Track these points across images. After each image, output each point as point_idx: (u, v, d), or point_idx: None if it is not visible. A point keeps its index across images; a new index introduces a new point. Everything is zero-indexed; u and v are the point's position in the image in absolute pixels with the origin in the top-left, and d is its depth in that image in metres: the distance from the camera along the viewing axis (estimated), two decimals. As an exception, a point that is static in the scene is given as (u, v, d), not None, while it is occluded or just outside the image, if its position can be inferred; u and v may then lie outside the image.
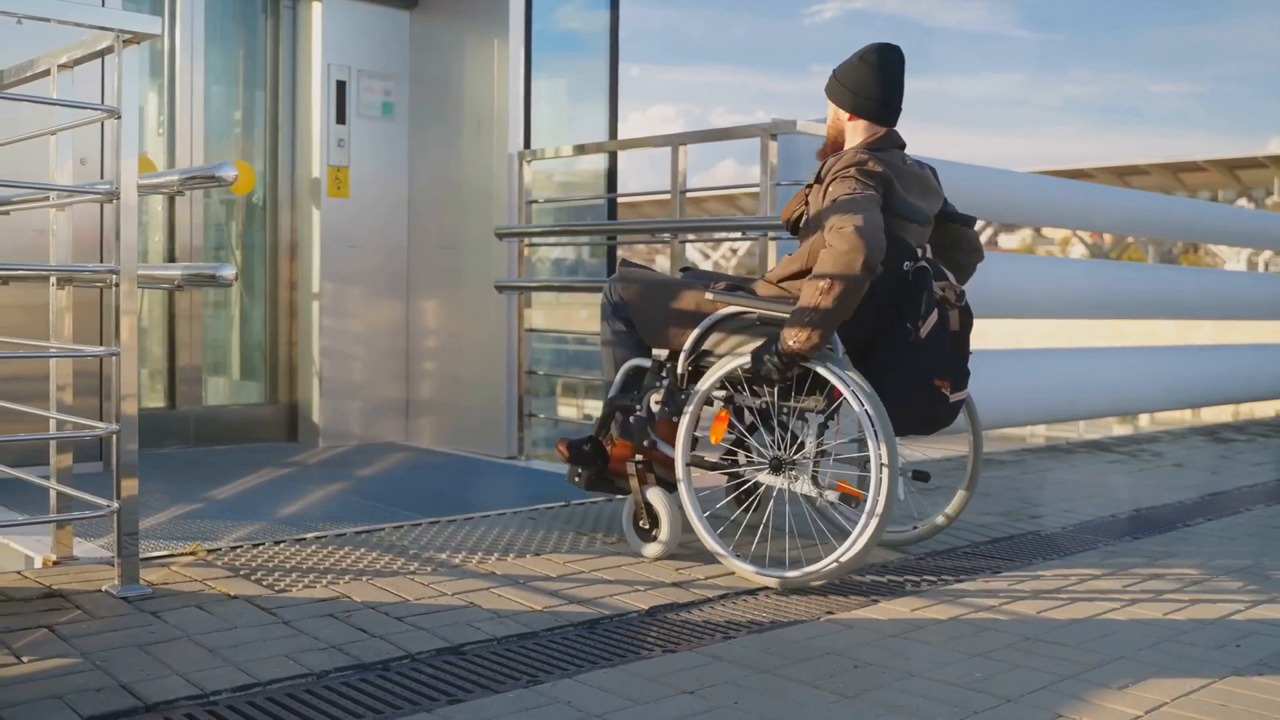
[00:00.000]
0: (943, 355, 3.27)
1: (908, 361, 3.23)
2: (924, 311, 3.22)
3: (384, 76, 5.81)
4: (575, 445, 3.71)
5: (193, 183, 2.89)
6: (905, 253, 3.29)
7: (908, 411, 3.25)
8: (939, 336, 3.25)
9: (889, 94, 3.46)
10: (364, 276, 5.80)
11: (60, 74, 3.18)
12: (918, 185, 3.44)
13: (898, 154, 3.45)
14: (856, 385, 3.13)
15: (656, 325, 3.61)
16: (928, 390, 3.26)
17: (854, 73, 3.48)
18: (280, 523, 3.85)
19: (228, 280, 2.80)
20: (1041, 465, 5.75)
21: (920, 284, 3.25)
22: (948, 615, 3.02)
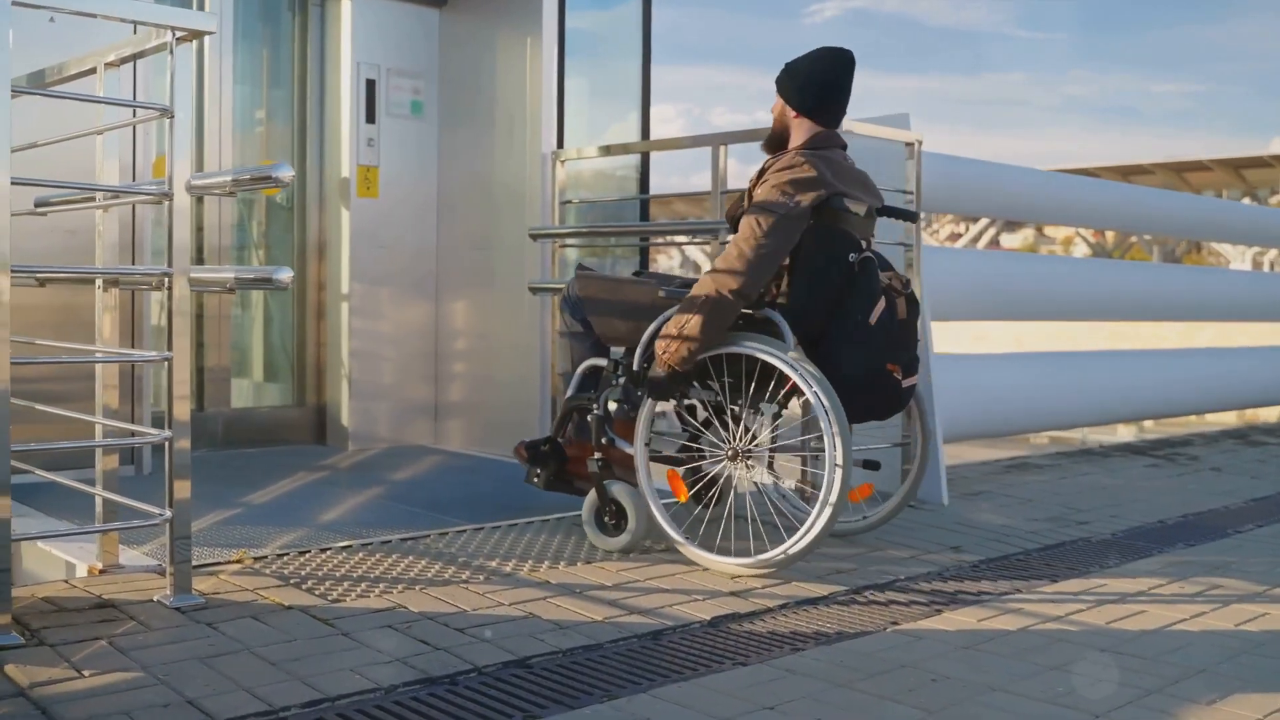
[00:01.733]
0: (892, 341, 3.40)
1: (861, 348, 3.34)
2: (872, 299, 3.35)
3: (413, 75, 5.74)
4: (533, 446, 3.83)
5: (246, 183, 2.83)
6: (850, 245, 3.42)
7: (862, 397, 3.36)
8: (887, 323, 3.38)
9: (836, 96, 3.59)
10: (393, 277, 5.73)
11: (107, 72, 3.11)
12: (857, 182, 3.55)
13: (838, 153, 3.57)
14: (810, 375, 3.24)
15: (614, 324, 3.72)
16: (880, 375, 3.38)
17: (804, 72, 3.60)
18: (323, 529, 3.78)
19: (284, 284, 2.74)
20: (1079, 470, 5.69)
21: (866, 273, 3.38)
22: (1016, 626, 2.95)
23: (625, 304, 3.71)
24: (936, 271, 4.80)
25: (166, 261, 2.80)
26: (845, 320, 3.36)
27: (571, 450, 3.79)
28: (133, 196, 3.02)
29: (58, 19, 4.28)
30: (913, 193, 4.52)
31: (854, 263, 3.40)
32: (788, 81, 3.62)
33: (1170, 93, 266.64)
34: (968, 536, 4.03)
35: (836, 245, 3.38)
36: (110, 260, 3.21)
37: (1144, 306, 7.09)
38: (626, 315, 3.68)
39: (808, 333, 3.40)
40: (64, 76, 3.30)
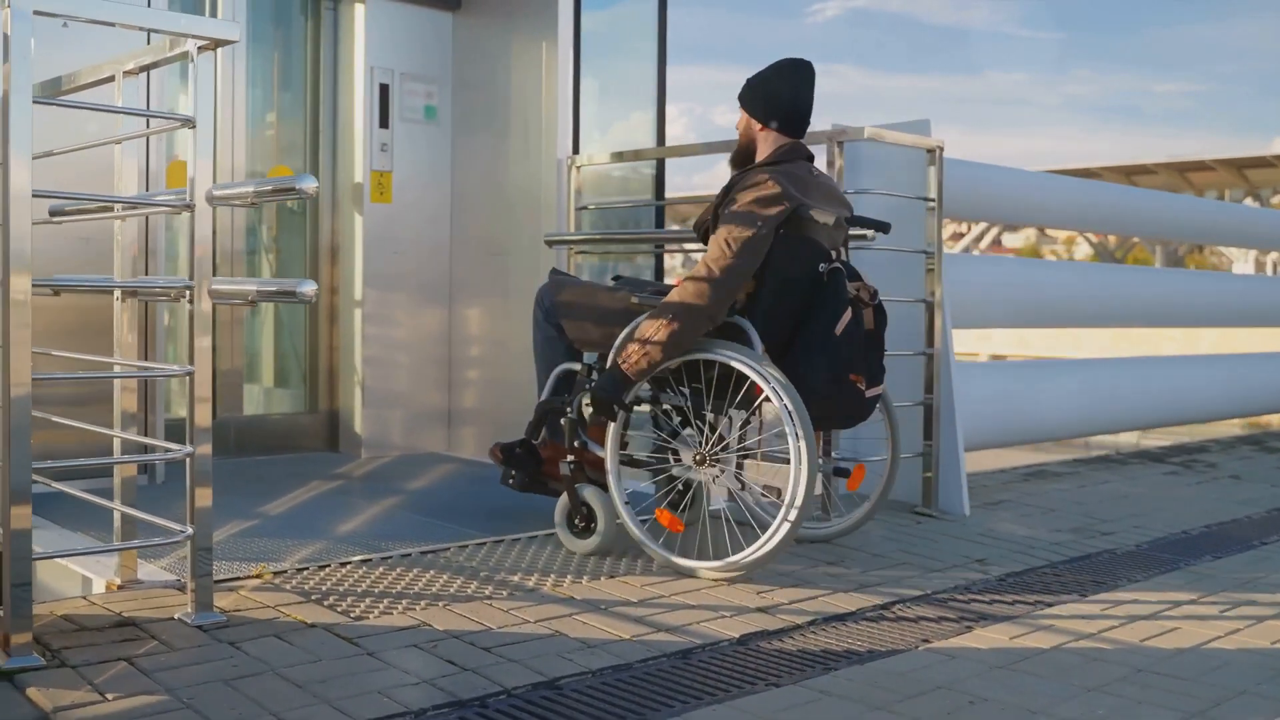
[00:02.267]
0: (857, 351, 3.43)
1: (825, 357, 3.38)
2: (838, 309, 3.39)
3: (427, 80, 5.70)
4: (508, 448, 3.90)
5: (269, 195, 2.78)
6: (819, 255, 3.48)
7: (825, 405, 3.41)
8: (853, 333, 3.41)
9: (799, 107, 3.65)
10: (407, 283, 5.69)
11: (125, 80, 3.07)
12: (825, 195, 3.59)
13: (804, 165, 3.61)
14: (776, 381, 3.29)
15: (585, 329, 3.78)
16: (844, 385, 3.41)
17: (768, 85, 3.66)
18: (341, 542, 3.74)
19: (308, 297, 2.69)
20: (1098, 477, 5.64)
21: (834, 284, 3.43)
22: (1049, 644, 2.91)
23: (597, 309, 3.76)
24: (958, 279, 4.75)
25: (187, 272, 2.76)
26: (811, 329, 3.42)
27: (546, 452, 3.86)
28: (153, 207, 2.97)
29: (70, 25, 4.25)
30: (934, 200, 4.47)
31: (823, 273, 3.45)
32: (750, 96, 3.68)
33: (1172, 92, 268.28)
34: (992, 548, 3.98)
35: (805, 255, 3.44)
36: (127, 269, 3.17)
37: (1174, 312, 7.03)
38: (599, 321, 3.72)
39: (775, 340, 3.46)
40: (81, 84, 3.26)
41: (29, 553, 2.53)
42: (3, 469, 2.46)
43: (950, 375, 4.54)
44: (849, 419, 3.60)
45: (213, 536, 2.84)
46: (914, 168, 4.56)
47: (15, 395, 2.46)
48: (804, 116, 3.68)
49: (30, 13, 2.46)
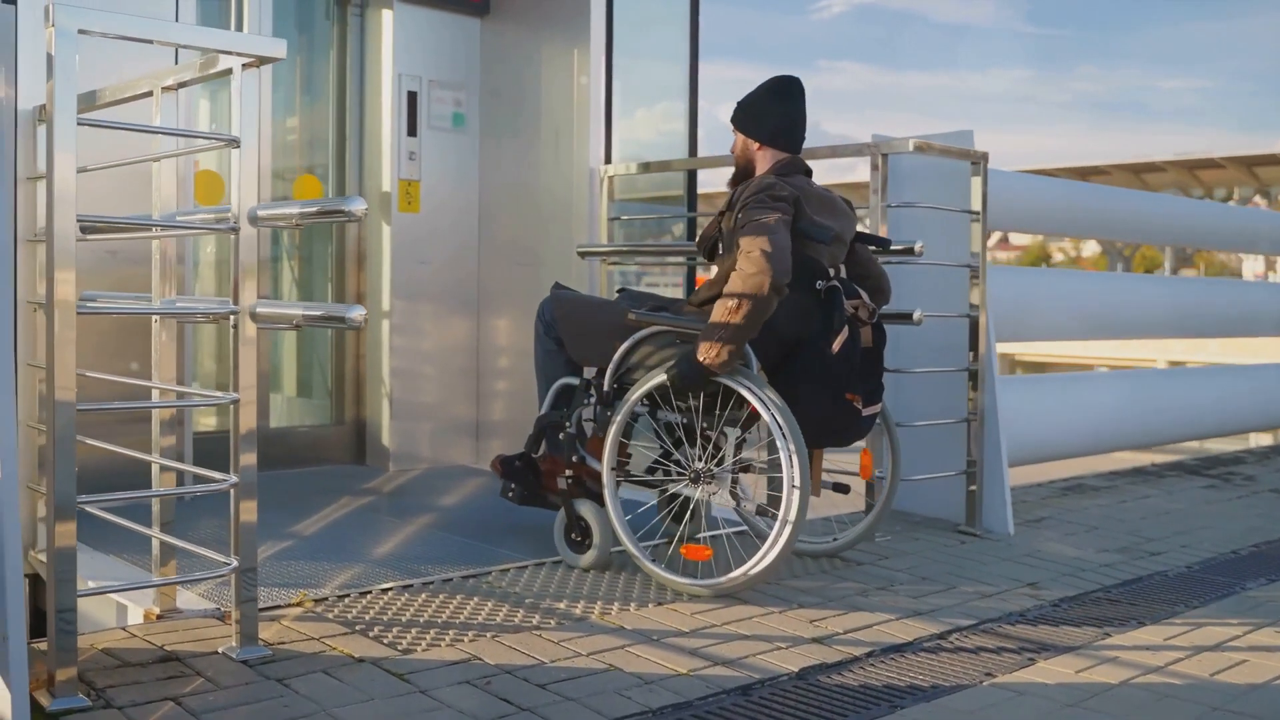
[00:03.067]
0: (854, 370, 3.40)
1: (820, 376, 3.36)
2: (835, 328, 3.36)
3: (454, 86, 5.61)
4: (508, 461, 3.89)
5: (315, 216, 2.70)
6: (817, 272, 3.44)
7: (820, 424, 3.40)
8: (850, 352, 3.38)
9: (794, 123, 3.67)
10: (434, 293, 5.61)
11: (164, 96, 2.99)
12: (826, 207, 3.58)
13: (802, 179, 3.61)
14: (769, 399, 3.28)
15: (584, 344, 3.80)
16: (839, 404, 3.40)
17: (760, 104, 3.69)
18: (379, 565, 3.66)
19: (357, 322, 2.60)
20: (1137, 492, 5.55)
21: (831, 302, 3.39)
22: (1117, 679, 2.82)
23: (596, 325, 3.77)
24: (1002, 291, 4.66)
25: (216, 284, 2.68)
26: (807, 348, 3.39)
27: (546, 466, 3.85)
28: (197, 230, 2.89)
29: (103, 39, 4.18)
30: (979, 212, 4.38)
31: (821, 289, 3.42)
32: (744, 116, 3.71)
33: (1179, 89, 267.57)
34: (1041, 570, 3.90)
35: (801, 272, 3.39)
36: (163, 287, 3.09)
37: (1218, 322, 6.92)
38: (597, 337, 3.74)
39: (771, 358, 3.44)
40: (116, 99, 3.18)
41: (73, 575, 2.46)
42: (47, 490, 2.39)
43: (994, 391, 4.45)
44: (846, 438, 3.57)
45: (257, 569, 2.76)
46: (957, 178, 4.47)
47: (60, 403, 2.38)
48: (799, 132, 3.69)
49: (75, 32, 2.38)
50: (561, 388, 3.86)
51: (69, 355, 2.43)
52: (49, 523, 2.46)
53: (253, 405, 2.67)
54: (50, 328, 2.44)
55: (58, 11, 2.36)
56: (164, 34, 2.52)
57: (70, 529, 2.45)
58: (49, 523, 2.46)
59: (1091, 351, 26.88)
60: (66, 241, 2.42)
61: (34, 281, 3.59)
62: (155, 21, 2.46)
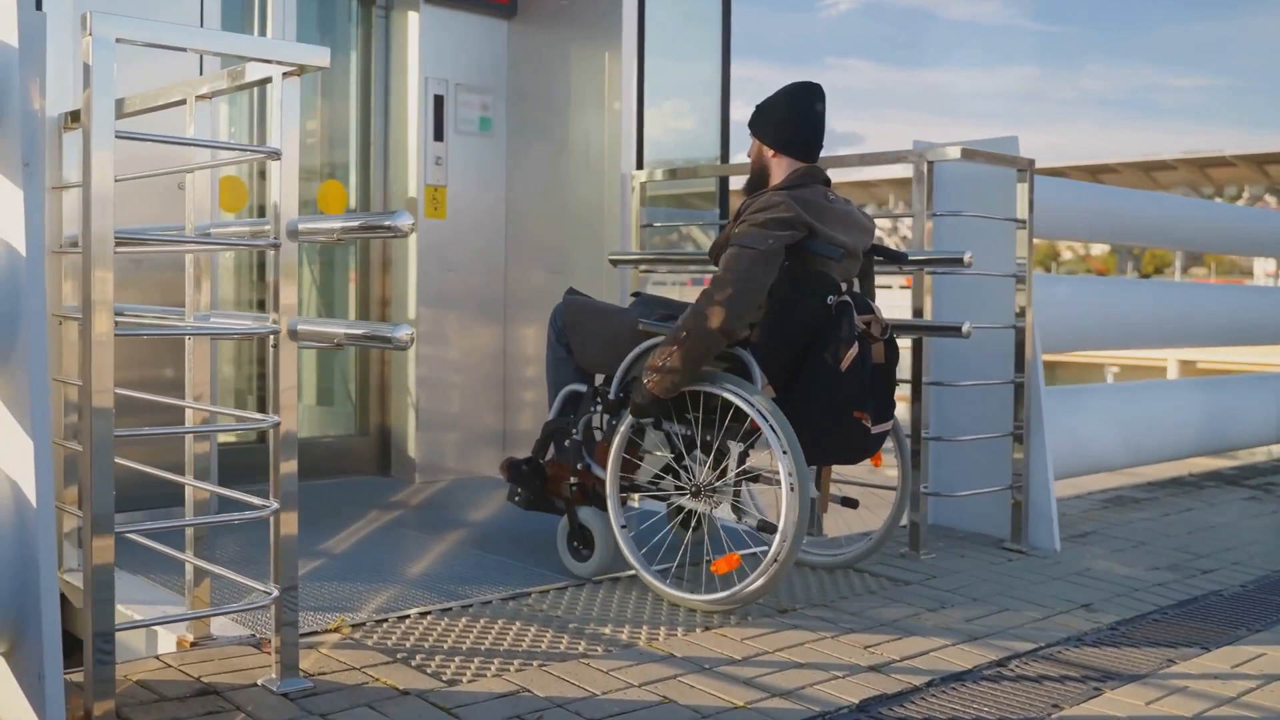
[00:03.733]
0: (863, 387, 3.32)
1: (828, 393, 3.30)
2: (844, 344, 3.29)
3: (481, 90, 5.51)
4: (515, 465, 3.87)
5: (358, 231, 2.59)
6: (829, 287, 3.37)
7: (827, 441, 3.35)
8: (859, 369, 3.31)
9: (812, 131, 3.57)
10: (461, 301, 5.50)
11: (198, 105, 2.88)
12: (841, 221, 3.49)
13: (820, 190, 3.51)
14: (767, 411, 3.23)
15: (592, 352, 3.79)
16: (847, 421, 3.32)
17: (778, 110, 3.59)
18: (415, 586, 3.55)
19: (404, 343, 2.50)
20: (1178, 504, 5.43)
21: (841, 317, 3.32)
22: (1190, 712, 2.71)
23: (604, 333, 3.76)
24: (1051, 301, 4.55)
25: (248, 299, 2.58)
26: (815, 363, 3.33)
27: (553, 471, 3.83)
28: (235, 245, 2.78)
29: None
30: (1024, 221, 4.27)
31: (832, 305, 3.35)
32: (761, 121, 3.62)
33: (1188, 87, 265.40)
34: (1094, 590, 3.78)
35: (813, 287, 3.35)
36: (195, 298, 2.98)
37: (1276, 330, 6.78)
38: (605, 344, 3.72)
39: (779, 374, 3.39)
40: (147, 107, 3.08)
41: (111, 600, 2.36)
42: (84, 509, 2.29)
43: (1040, 404, 4.34)
44: (853, 455, 3.50)
45: (298, 598, 2.65)
46: (1001, 186, 4.36)
47: (99, 410, 2.29)
48: (817, 140, 3.60)
49: (113, 40, 2.28)
50: (570, 394, 3.85)
51: (107, 373, 2.32)
52: (85, 542, 2.36)
53: (294, 428, 2.57)
54: (86, 342, 2.34)
55: (96, 20, 2.25)
56: (203, 42, 2.41)
57: (108, 545, 2.35)
58: (85, 542, 2.36)
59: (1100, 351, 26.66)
60: (105, 259, 2.32)
61: (59, 293, 3.50)
62: (194, 29, 2.35)
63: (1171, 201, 6.42)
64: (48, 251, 3.50)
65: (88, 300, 2.34)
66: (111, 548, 2.38)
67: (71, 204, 3.45)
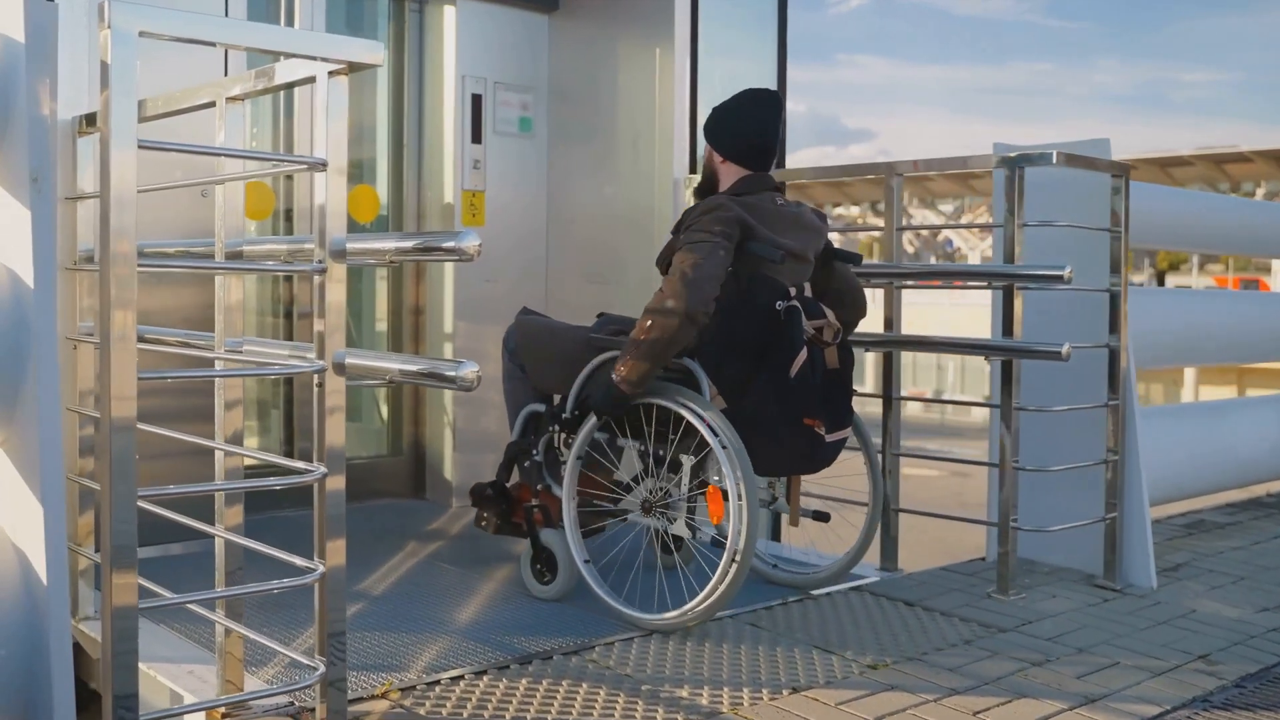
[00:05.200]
0: (814, 394, 3.25)
1: (777, 401, 3.22)
2: (793, 350, 3.21)
3: (521, 89, 5.18)
4: (480, 489, 3.77)
5: (414, 253, 2.27)
6: (777, 292, 3.29)
7: (780, 451, 3.28)
8: (808, 375, 3.23)
9: (761, 139, 3.50)
10: (500, 313, 5.15)
11: (229, 108, 2.56)
12: (788, 225, 3.43)
13: (767, 196, 3.45)
14: (716, 424, 3.13)
15: (545, 371, 3.71)
16: (799, 430, 3.24)
17: (729, 116, 3.53)
18: (464, 637, 3.23)
19: (468, 382, 2.18)
20: (1265, 530, 5.07)
21: (789, 323, 3.24)
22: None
23: (555, 349, 3.68)
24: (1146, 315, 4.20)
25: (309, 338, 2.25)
26: (766, 371, 3.25)
27: (519, 493, 3.73)
28: (274, 269, 2.46)
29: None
30: (1119, 229, 3.93)
31: (781, 310, 3.27)
32: (713, 127, 3.57)
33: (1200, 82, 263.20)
34: (1206, 637, 3.45)
35: (759, 292, 3.28)
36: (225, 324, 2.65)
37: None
38: (558, 363, 3.64)
39: (730, 383, 3.30)
40: (170, 111, 2.76)
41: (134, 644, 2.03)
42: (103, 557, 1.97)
43: (1135, 430, 3.99)
44: (808, 466, 3.44)
45: (346, 667, 2.33)
46: (1091, 192, 4.02)
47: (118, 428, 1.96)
48: (766, 149, 3.53)
49: (135, 34, 1.95)
50: (529, 414, 3.75)
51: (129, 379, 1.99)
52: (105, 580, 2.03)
53: (341, 480, 2.24)
54: (105, 382, 2.01)
55: (114, 11, 1.93)
56: (239, 36, 2.09)
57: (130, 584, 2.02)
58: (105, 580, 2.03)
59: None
60: (127, 282, 1.99)
61: (73, 314, 3.19)
62: (228, 21, 2.03)
63: (1265, 208, 5.98)
64: (60, 268, 3.19)
65: (105, 334, 2.01)
66: (134, 586, 2.04)
67: (87, 216, 3.14)
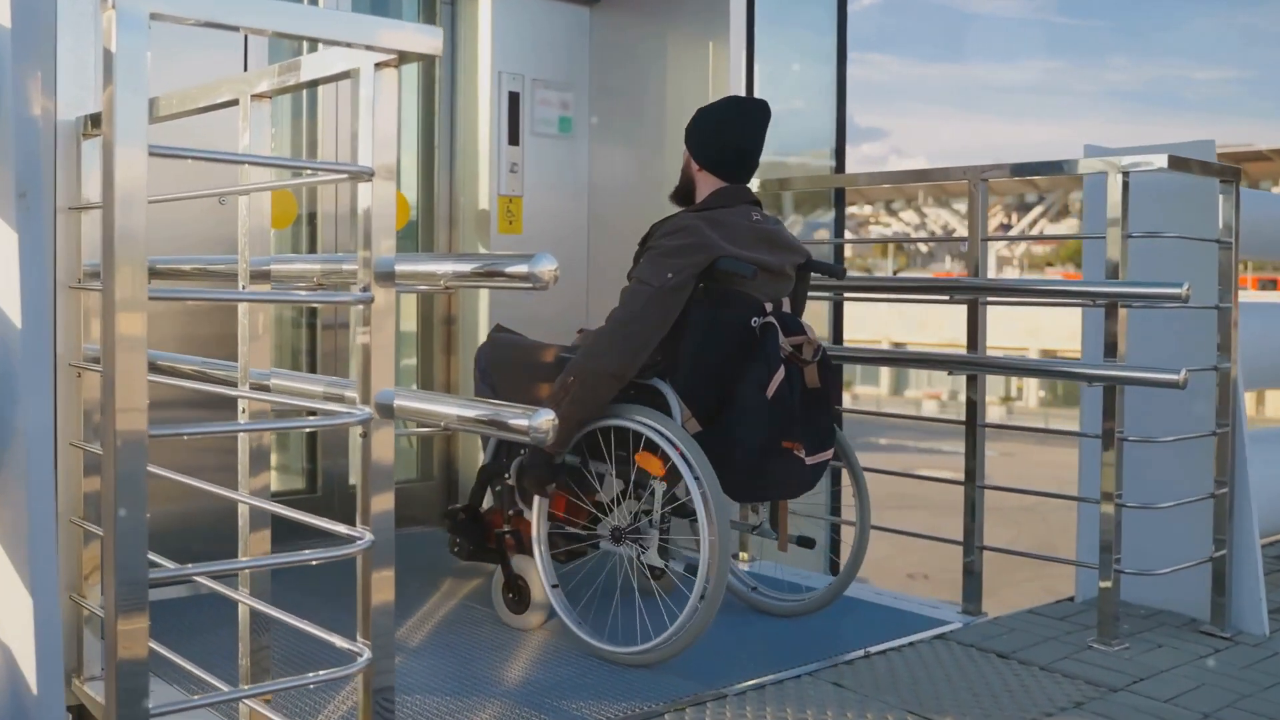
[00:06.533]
0: (792, 415, 3.11)
1: (753, 423, 3.06)
2: (769, 369, 3.07)
3: (561, 86, 4.82)
4: (452, 514, 3.64)
5: (474, 278, 1.92)
6: (750, 308, 3.17)
7: (757, 475, 3.12)
8: (785, 396, 3.09)
9: (741, 150, 3.36)
10: (539, 325, 4.77)
11: (254, 107, 2.21)
12: (765, 241, 3.29)
13: (744, 210, 3.31)
14: (687, 453, 2.99)
15: (513, 389, 3.54)
16: (776, 454, 3.09)
17: (709, 124, 3.40)
18: (516, 701, 2.87)
19: (541, 433, 1.82)
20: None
21: (765, 340, 3.11)
22: None
23: (524, 366, 3.54)
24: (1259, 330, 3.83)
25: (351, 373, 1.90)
26: (741, 392, 3.08)
27: (492, 518, 3.57)
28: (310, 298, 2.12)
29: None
30: (1229, 240, 3.56)
31: (755, 327, 3.15)
32: (693, 133, 3.44)
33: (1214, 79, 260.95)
34: (1344, 700, 3.07)
35: (731, 309, 3.15)
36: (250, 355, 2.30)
37: None
38: (527, 382, 3.48)
39: (704, 404, 3.16)
40: (185, 110, 2.42)
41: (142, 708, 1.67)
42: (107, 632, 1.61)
43: (1245, 460, 3.62)
44: (787, 490, 3.30)
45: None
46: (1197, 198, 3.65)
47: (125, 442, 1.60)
48: (745, 160, 3.37)
49: (145, 17, 1.60)
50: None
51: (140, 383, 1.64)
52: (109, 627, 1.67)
53: (391, 550, 1.88)
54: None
55: (120, -12, 1.57)
56: (268, 20, 1.73)
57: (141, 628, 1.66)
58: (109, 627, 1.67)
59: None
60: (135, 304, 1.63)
61: (77, 338, 2.85)
62: (255, 1, 1.67)
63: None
64: (62, 287, 2.85)
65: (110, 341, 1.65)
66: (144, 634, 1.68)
67: (92, 228, 2.80)
